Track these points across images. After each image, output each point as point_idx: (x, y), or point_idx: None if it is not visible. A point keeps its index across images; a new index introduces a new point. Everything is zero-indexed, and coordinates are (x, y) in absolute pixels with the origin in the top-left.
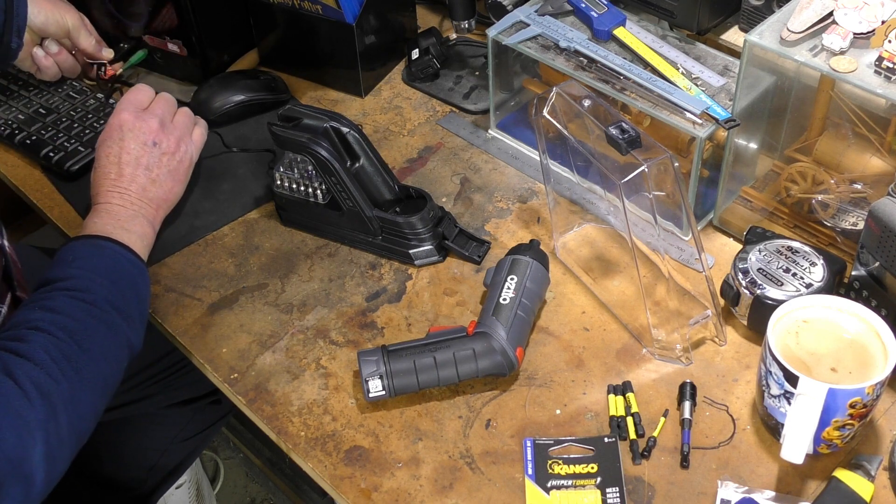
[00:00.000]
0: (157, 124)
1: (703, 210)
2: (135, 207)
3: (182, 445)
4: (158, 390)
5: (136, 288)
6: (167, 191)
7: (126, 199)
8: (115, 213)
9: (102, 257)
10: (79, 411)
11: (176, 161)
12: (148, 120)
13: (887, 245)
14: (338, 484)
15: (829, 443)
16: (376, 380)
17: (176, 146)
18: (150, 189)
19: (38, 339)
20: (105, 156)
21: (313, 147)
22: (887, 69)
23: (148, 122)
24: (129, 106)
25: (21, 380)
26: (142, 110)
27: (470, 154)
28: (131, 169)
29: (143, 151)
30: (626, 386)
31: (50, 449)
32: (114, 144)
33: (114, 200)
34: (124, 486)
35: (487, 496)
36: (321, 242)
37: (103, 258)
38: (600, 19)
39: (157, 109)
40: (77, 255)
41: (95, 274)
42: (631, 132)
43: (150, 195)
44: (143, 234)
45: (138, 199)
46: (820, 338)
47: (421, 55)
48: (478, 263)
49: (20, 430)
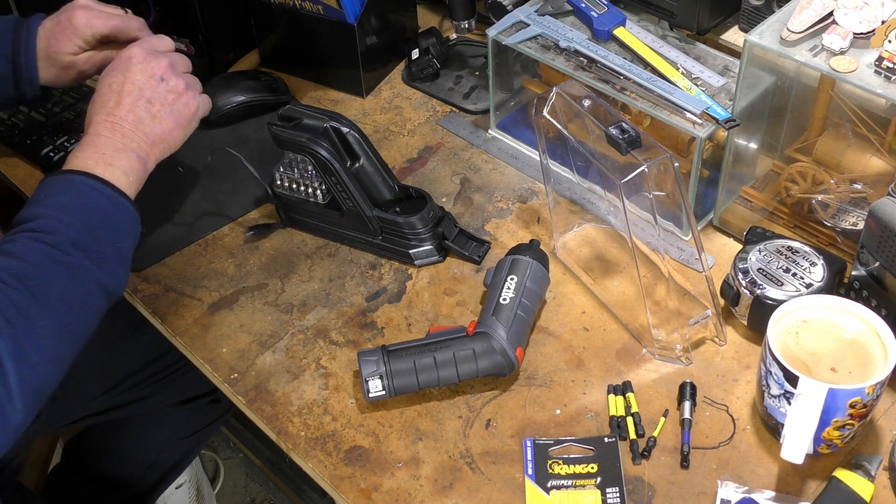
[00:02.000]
0: (167, 64)
1: (703, 210)
2: (125, 140)
3: (181, 443)
4: (157, 389)
5: (111, 225)
6: (166, 130)
7: (117, 130)
8: (101, 146)
9: (75, 193)
10: (29, 361)
11: (181, 103)
12: (159, 58)
13: (887, 245)
14: (338, 484)
15: (829, 443)
16: (376, 380)
17: (184, 89)
18: (147, 123)
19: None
20: (107, 85)
21: (313, 147)
22: (887, 69)
23: (158, 60)
24: (143, 44)
25: None
26: (154, 51)
27: (470, 154)
28: (131, 99)
29: (147, 84)
30: (626, 386)
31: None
32: (118, 74)
33: (103, 132)
34: (123, 483)
35: (487, 496)
36: (321, 242)
37: (75, 194)
38: (600, 19)
39: (170, 55)
40: (48, 192)
41: (63, 212)
42: (631, 132)
43: (146, 129)
44: (129, 169)
45: (132, 132)
46: (820, 338)
47: (421, 55)
48: (478, 263)
49: None
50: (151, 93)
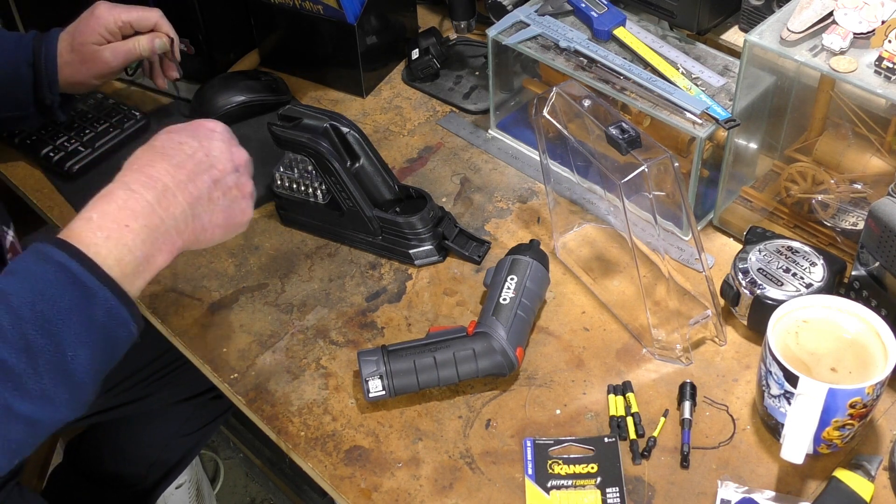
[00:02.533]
0: (247, 160)
1: (703, 210)
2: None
3: (183, 441)
4: (159, 388)
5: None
6: (213, 224)
7: (166, 200)
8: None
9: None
10: None
11: (242, 205)
12: (241, 150)
13: (887, 245)
14: (338, 484)
15: (829, 443)
16: (376, 380)
17: (249, 193)
18: (202, 204)
19: None
20: (177, 142)
21: (313, 147)
22: (887, 69)
23: (241, 151)
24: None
25: None
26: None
27: (470, 154)
28: (198, 171)
29: (223, 165)
30: (626, 386)
31: None
32: (195, 139)
33: (147, 194)
34: (125, 482)
35: (487, 496)
36: (321, 242)
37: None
38: (600, 19)
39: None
40: (23, 259)
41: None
42: (631, 132)
43: (197, 210)
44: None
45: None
46: (820, 338)
47: (421, 55)
48: (478, 263)
49: None
50: (222, 176)
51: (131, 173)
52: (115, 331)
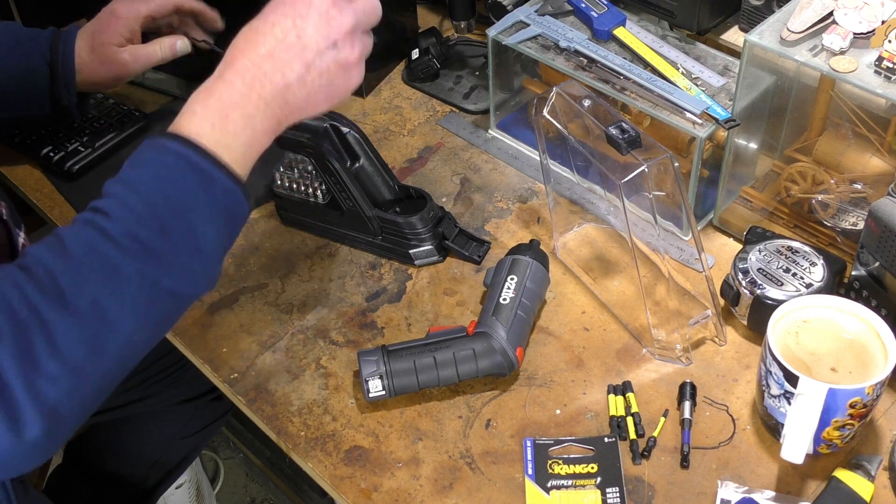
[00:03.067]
0: (350, 26)
1: (703, 210)
2: (260, 104)
3: (184, 442)
4: (160, 389)
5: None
6: (311, 103)
7: (256, 88)
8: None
9: (157, 166)
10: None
11: (344, 78)
12: (345, 15)
13: (887, 245)
14: (338, 484)
15: (829, 443)
16: (376, 380)
17: (355, 61)
18: (294, 90)
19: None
20: (269, 23)
21: (313, 147)
22: (887, 69)
23: (343, 18)
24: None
25: None
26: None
27: (470, 154)
28: (287, 57)
29: (316, 45)
30: (626, 386)
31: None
32: (289, 18)
33: (238, 84)
34: (126, 482)
35: (487, 496)
36: (321, 242)
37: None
38: (600, 19)
39: (358, 7)
40: (138, 157)
41: (133, 191)
42: (631, 132)
43: (289, 97)
44: (251, 142)
45: (272, 95)
46: (820, 338)
47: (421, 55)
48: (478, 263)
49: None
50: (314, 58)
51: (228, 65)
52: (234, 210)
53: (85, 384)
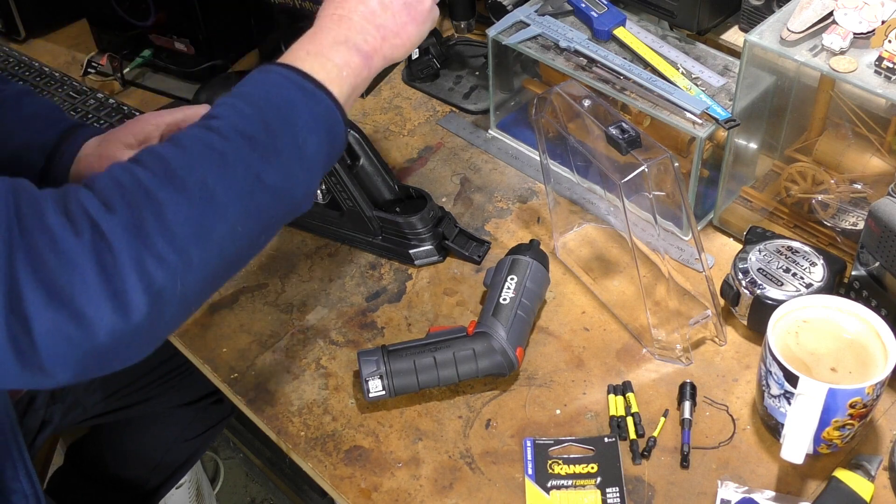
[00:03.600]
0: None
1: (703, 210)
2: (350, 32)
3: (186, 445)
4: (162, 391)
5: (294, 117)
6: (399, 24)
7: (344, 23)
8: (320, 39)
9: (263, 84)
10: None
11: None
12: None
13: (887, 245)
14: (338, 484)
15: (829, 443)
16: (376, 380)
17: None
18: (379, 15)
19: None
20: None
21: None
22: (887, 69)
23: None
24: None
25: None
26: None
27: (470, 154)
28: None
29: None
30: (626, 386)
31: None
32: None
33: (327, 24)
34: (128, 485)
35: (487, 496)
36: (321, 242)
37: (263, 85)
38: (600, 19)
39: None
40: (243, 83)
41: (241, 100)
42: (631, 132)
43: (377, 20)
44: (345, 64)
45: (360, 23)
46: (820, 338)
47: (421, 55)
48: (478, 263)
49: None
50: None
51: (316, 20)
52: (335, 127)
53: (190, 270)
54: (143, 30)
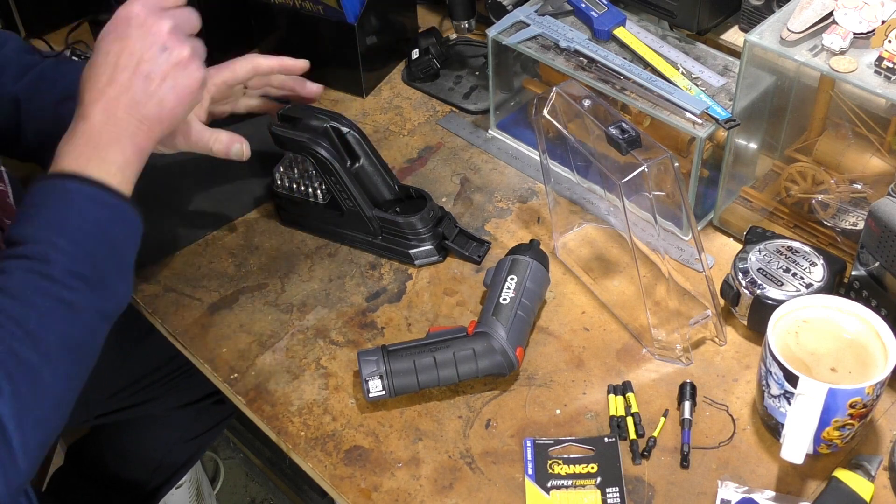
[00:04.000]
0: (170, 26)
1: (703, 210)
2: (119, 127)
3: (186, 445)
4: (163, 393)
5: (110, 240)
6: (166, 110)
7: (111, 115)
8: (93, 136)
9: (68, 207)
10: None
11: (185, 75)
12: (162, 20)
13: (887, 245)
14: (338, 484)
15: (829, 443)
16: (376, 380)
17: (189, 58)
18: (144, 104)
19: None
20: (103, 53)
21: (313, 147)
22: (887, 69)
23: (161, 23)
24: (146, 1)
25: None
26: (158, 8)
27: (470, 154)
28: (126, 75)
29: (146, 54)
30: (626, 386)
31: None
32: (115, 41)
33: (95, 115)
34: (128, 486)
35: (487, 496)
36: (321, 242)
37: (69, 208)
38: (600, 19)
39: (175, 13)
40: (40, 203)
41: (57, 234)
42: (631, 132)
43: (143, 111)
44: (125, 163)
45: (126, 116)
46: (820, 338)
47: (421, 55)
48: (478, 263)
49: None
50: (150, 66)
51: (80, 104)
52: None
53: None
54: None
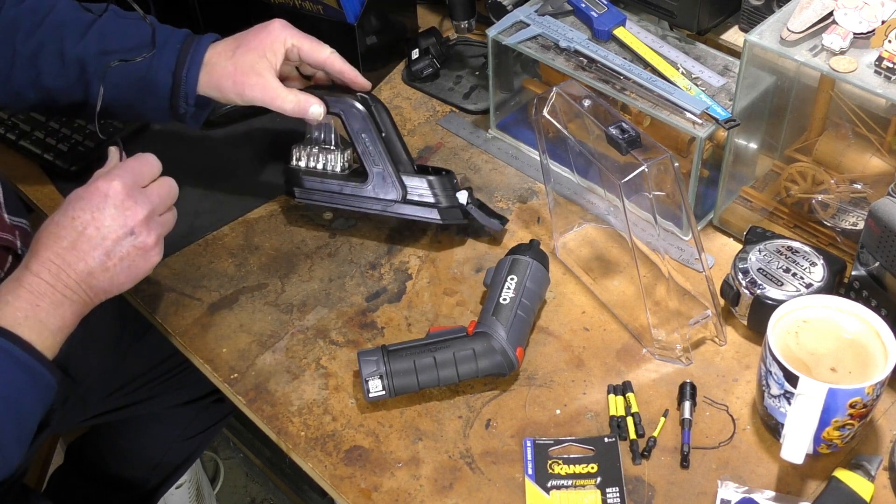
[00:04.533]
0: (145, 214)
1: (703, 210)
2: (66, 292)
3: (185, 444)
4: (162, 391)
5: (19, 404)
6: (115, 284)
7: (61, 279)
8: (38, 296)
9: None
10: None
11: (143, 259)
12: (139, 205)
13: (887, 245)
14: (338, 484)
15: (829, 443)
16: (376, 380)
17: (153, 244)
18: (97, 276)
19: None
20: (70, 217)
21: (358, 106)
22: (887, 69)
23: (138, 208)
24: (127, 176)
25: None
26: (138, 187)
27: (470, 154)
28: (88, 246)
29: (114, 234)
30: (626, 386)
31: None
32: (87, 211)
33: (45, 275)
34: (127, 484)
35: (487, 496)
36: (321, 242)
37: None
38: (600, 19)
39: (153, 195)
40: None
41: None
42: (631, 132)
43: (93, 282)
44: (62, 327)
45: (76, 284)
46: (820, 338)
47: (421, 55)
48: (499, 229)
49: None
50: (113, 246)
51: (34, 256)
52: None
53: None
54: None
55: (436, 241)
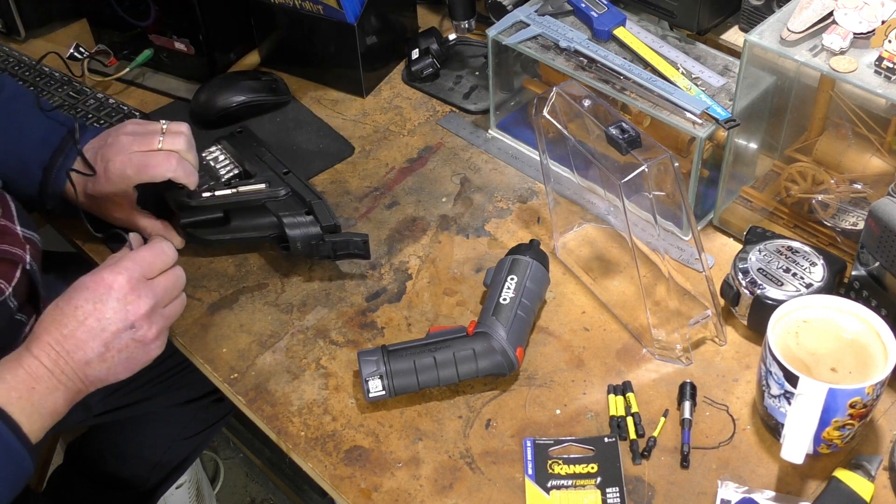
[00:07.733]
0: (147, 308)
1: (703, 210)
2: (63, 378)
3: (185, 443)
4: (162, 390)
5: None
6: (111, 374)
7: (58, 365)
8: (34, 379)
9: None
10: None
11: (142, 352)
12: (142, 299)
13: (887, 245)
14: (338, 484)
15: (829, 443)
16: (376, 380)
17: (153, 338)
18: (93, 366)
19: None
20: (73, 306)
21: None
22: (887, 69)
23: (141, 302)
24: (134, 269)
25: None
26: (144, 280)
27: (470, 154)
28: (87, 336)
29: (114, 326)
30: (626, 386)
31: None
32: (90, 302)
33: (44, 360)
34: (127, 484)
35: (487, 496)
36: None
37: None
38: (600, 19)
39: (158, 288)
40: None
41: None
42: (631, 132)
43: (89, 371)
44: (52, 412)
45: (73, 372)
46: (820, 338)
47: (421, 55)
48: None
49: None
50: (113, 338)
51: (35, 338)
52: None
53: None
54: (142, 30)
55: (436, 241)
